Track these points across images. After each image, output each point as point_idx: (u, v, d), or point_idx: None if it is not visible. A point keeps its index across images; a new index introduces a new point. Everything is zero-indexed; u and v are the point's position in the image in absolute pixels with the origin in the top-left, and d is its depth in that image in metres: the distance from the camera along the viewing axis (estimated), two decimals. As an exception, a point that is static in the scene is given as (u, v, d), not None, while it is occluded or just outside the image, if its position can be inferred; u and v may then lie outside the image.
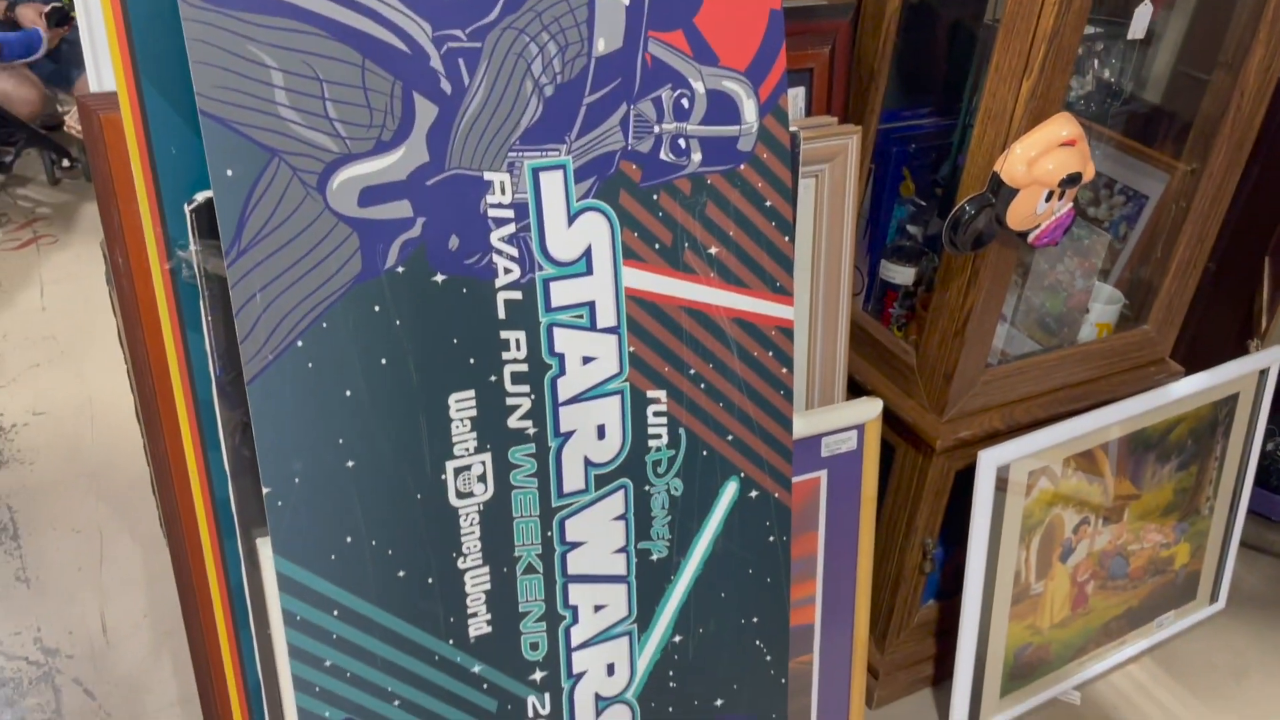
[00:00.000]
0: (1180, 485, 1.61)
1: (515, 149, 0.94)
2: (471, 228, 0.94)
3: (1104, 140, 1.69)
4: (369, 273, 0.91)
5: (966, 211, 1.15)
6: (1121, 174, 1.73)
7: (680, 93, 1.01)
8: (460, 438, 0.99)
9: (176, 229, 0.89)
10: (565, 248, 0.99)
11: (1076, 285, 1.58)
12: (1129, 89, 1.58)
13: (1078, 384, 1.46)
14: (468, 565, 1.03)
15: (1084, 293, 1.56)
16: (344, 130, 0.87)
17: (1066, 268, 1.62)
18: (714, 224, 1.05)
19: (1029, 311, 1.63)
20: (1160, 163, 1.64)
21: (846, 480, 1.29)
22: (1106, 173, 1.77)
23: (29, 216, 2.78)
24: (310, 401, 0.91)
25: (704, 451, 1.11)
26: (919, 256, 1.48)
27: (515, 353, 0.99)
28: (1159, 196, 1.65)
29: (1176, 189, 1.55)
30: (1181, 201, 1.45)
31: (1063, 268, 1.62)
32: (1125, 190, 1.74)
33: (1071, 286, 1.60)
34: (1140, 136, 1.68)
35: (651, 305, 1.04)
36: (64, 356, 2.23)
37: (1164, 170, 1.63)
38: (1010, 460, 1.37)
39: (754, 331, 1.10)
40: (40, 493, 1.87)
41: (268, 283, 0.88)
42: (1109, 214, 1.76)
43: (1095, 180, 1.76)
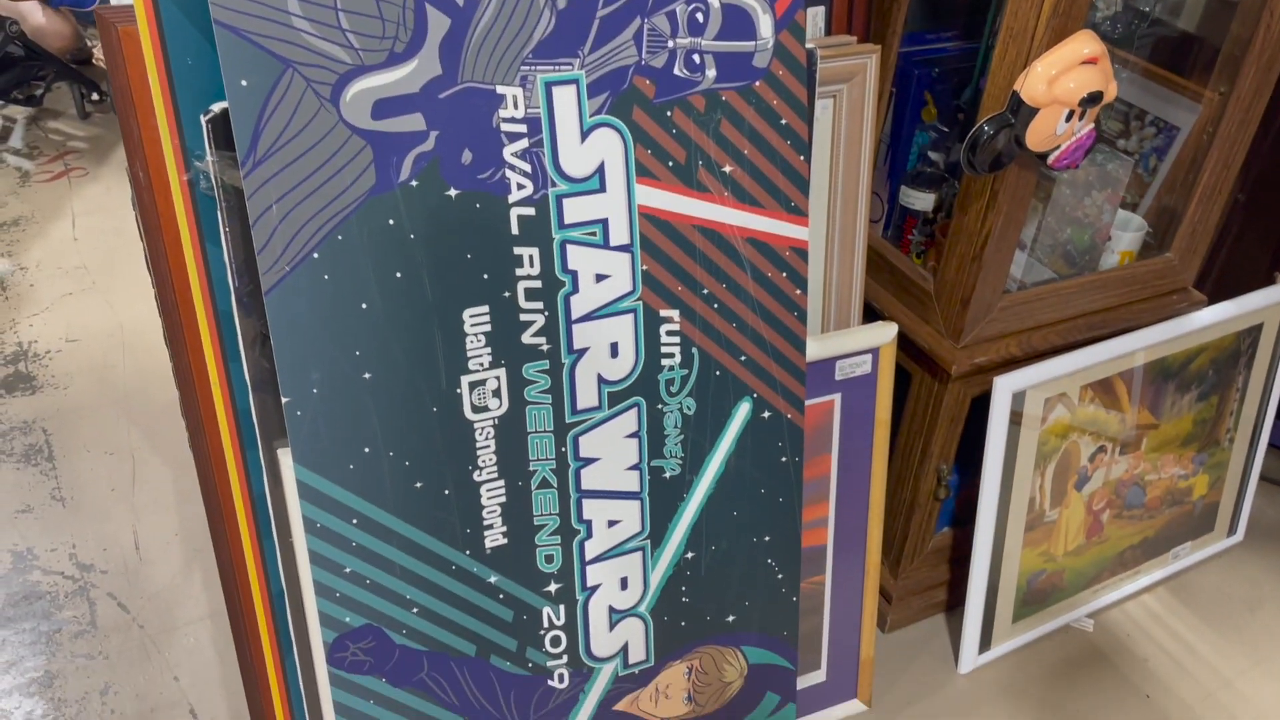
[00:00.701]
0: (1200, 416, 1.61)
1: (528, 63, 0.94)
2: (484, 142, 0.95)
3: (1134, 68, 1.66)
4: (383, 186, 0.92)
5: (985, 131, 1.14)
6: (1152, 104, 1.70)
7: (695, 7, 1.00)
8: (475, 353, 1.01)
9: (194, 140, 0.90)
10: (578, 164, 0.99)
11: (1103, 218, 1.56)
12: (1156, 10, 1.54)
13: (1098, 311, 1.45)
14: (483, 478, 1.06)
15: (1109, 225, 1.54)
16: (356, 41, 0.88)
17: (1093, 200, 1.60)
18: (728, 142, 1.05)
19: (1054, 246, 1.61)
20: (1192, 93, 1.60)
21: (861, 404, 1.29)
22: (1137, 103, 1.73)
23: (60, 149, 2.81)
24: (327, 313, 0.93)
25: (717, 371, 1.12)
26: (940, 183, 1.47)
27: (528, 269, 1.00)
28: (1190, 128, 1.62)
29: (1208, 119, 1.52)
30: (1210, 127, 1.43)
31: (1089, 200, 1.60)
32: (1156, 122, 1.71)
33: (1098, 220, 1.58)
34: (1172, 65, 1.64)
35: (665, 223, 1.05)
36: (95, 286, 2.27)
37: (1195, 100, 1.60)
38: (1026, 387, 1.37)
39: (768, 252, 1.10)
40: (74, 416, 1.91)
41: (283, 194, 0.89)
42: (1139, 146, 1.73)
43: (1125, 111, 1.73)
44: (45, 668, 1.47)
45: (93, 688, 1.45)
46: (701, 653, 1.25)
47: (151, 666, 1.48)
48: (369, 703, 1.09)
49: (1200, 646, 1.61)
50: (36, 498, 1.75)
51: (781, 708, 1.34)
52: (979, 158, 1.15)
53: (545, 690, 1.18)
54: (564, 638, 1.17)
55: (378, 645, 1.07)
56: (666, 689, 1.25)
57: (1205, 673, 1.57)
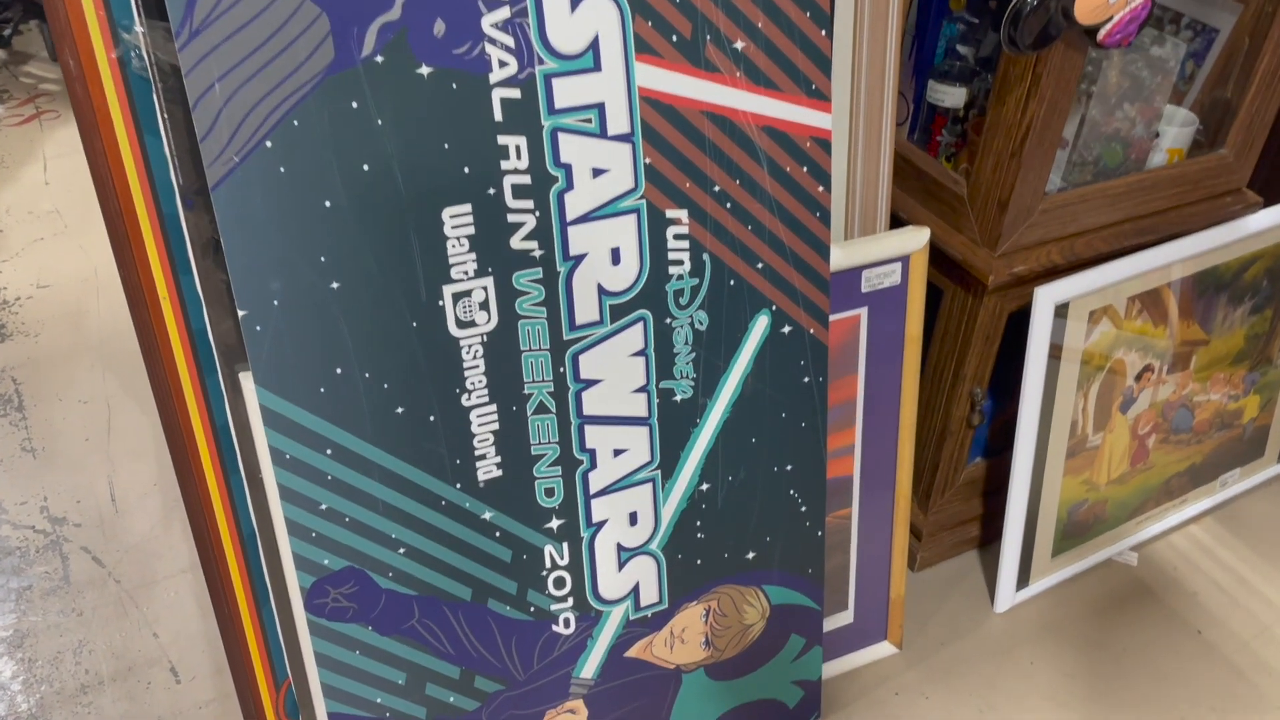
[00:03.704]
0: (1253, 331, 1.49)
1: (507, -84, 0.82)
2: (459, 11, 0.82)
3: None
4: (343, 62, 0.80)
5: (1029, 2, 1.01)
6: (1187, 6, 1.58)
7: None
8: (458, 259, 0.89)
9: (123, 10, 0.78)
10: (568, 37, 0.87)
11: (1136, 133, 1.44)
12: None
13: (1145, 215, 1.32)
14: (473, 403, 0.94)
15: (1145, 140, 1.41)
16: (305, -113, 0.75)
17: (1126, 114, 1.47)
18: (739, 13, 0.92)
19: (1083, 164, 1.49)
20: (1233, -9, 1.47)
21: (889, 319, 1.17)
22: (1172, 5, 1.60)
23: (31, 92, 2.68)
24: (285, 212, 0.81)
25: (731, 281, 1.01)
26: (971, 77, 1.34)
27: (515, 162, 0.88)
28: (1230, 28, 1.49)
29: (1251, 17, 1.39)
30: (1267, 6, 1.29)
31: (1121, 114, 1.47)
32: (1193, 24, 1.58)
33: (1131, 134, 1.45)
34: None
35: (669, 109, 0.92)
36: (68, 230, 2.15)
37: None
38: (1070, 298, 1.25)
39: (786, 142, 0.98)
40: (46, 364, 1.81)
41: (226, 71, 0.77)
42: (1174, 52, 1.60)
43: (1159, 14, 1.60)
44: (15, 626, 1.38)
45: (66, 646, 1.35)
46: (719, 593, 1.15)
47: (128, 622, 1.38)
48: (354, 653, 0.99)
49: (1252, 578, 1.50)
50: (6, 449, 1.65)
51: (807, 651, 1.24)
52: (1021, 33, 1.02)
53: (550, 636, 1.08)
54: (568, 579, 1.06)
55: (361, 590, 0.97)
56: (682, 633, 1.14)
57: (1259, 605, 1.46)
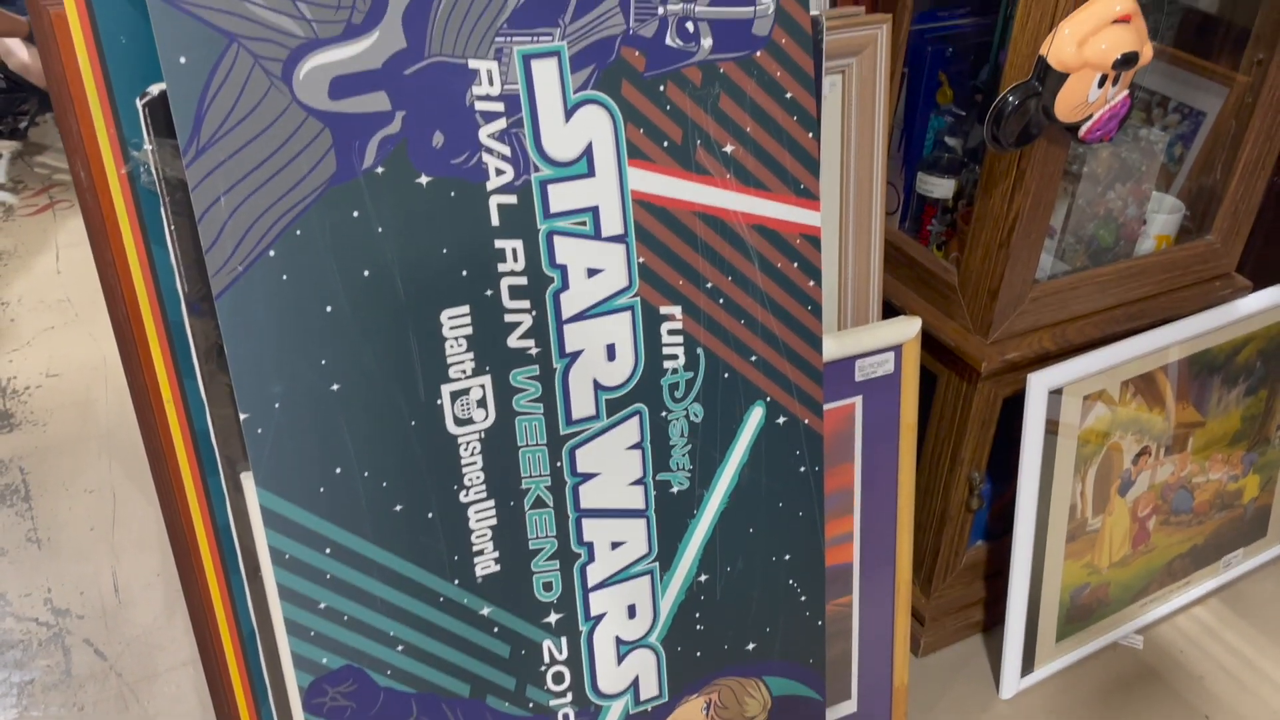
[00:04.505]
0: (1248, 412, 1.50)
1: (503, 33, 0.85)
2: (457, 123, 0.85)
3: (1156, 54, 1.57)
4: (345, 174, 0.83)
5: (1010, 102, 1.04)
6: (1175, 90, 1.62)
7: (686, -30, 0.91)
8: (456, 358, 0.91)
9: (132, 129, 0.81)
10: (563, 145, 0.90)
11: (1129, 214, 1.47)
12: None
13: (1136, 301, 1.34)
14: (471, 499, 0.95)
15: (1136, 220, 1.44)
16: (309, 11, 0.79)
17: (1118, 193, 1.50)
18: (729, 119, 0.95)
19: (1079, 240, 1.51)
20: (1218, 75, 1.51)
21: (884, 407, 1.19)
22: (1159, 90, 1.65)
23: (45, 182, 2.74)
24: (287, 318, 0.83)
25: (725, 373, 1.02)
26: (959, 168, 1.37)
27: (512, 264, 0.91)
28: (1217, 112, 1.53)
29: (1236, 102, 1.43)
30: (1247, 98, 1.33)
31: (1114, 194, 1.50)
32: (1180, 108, 1.62)
33: (1124, 215, 1.48)
34: (1195, 48, 1.55)
35: (662, 211, 0.95)
36: (78, 319, 2.19)
37: (1221, 84, 1.51)
38: (1063, 383, 1.26)
39: (776, 240, 1.00)
40: (53, 454, 1.82)
41: (232, 185, 0.79)
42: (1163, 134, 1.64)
43: (1147, 97, 1.64)
44: (15, 722, 1.37)
45: (65, 742, 1.35)
46: (720, 685, 1.14)
47: (129, 717, 1.37)
48: (352, 753, 0.98)
49: (1259, 661, 1.49)
50: (11, 540, 1.65)
51: (810, 743, 1.23)
52: (1004, 131, 1.05)
53: (549, 732, 1.07)
54: (567, 673, 1.06)
55: (360, 688, 0.97)
56: (683, 727, 1.14)
57: (1268, 690, 1.44)
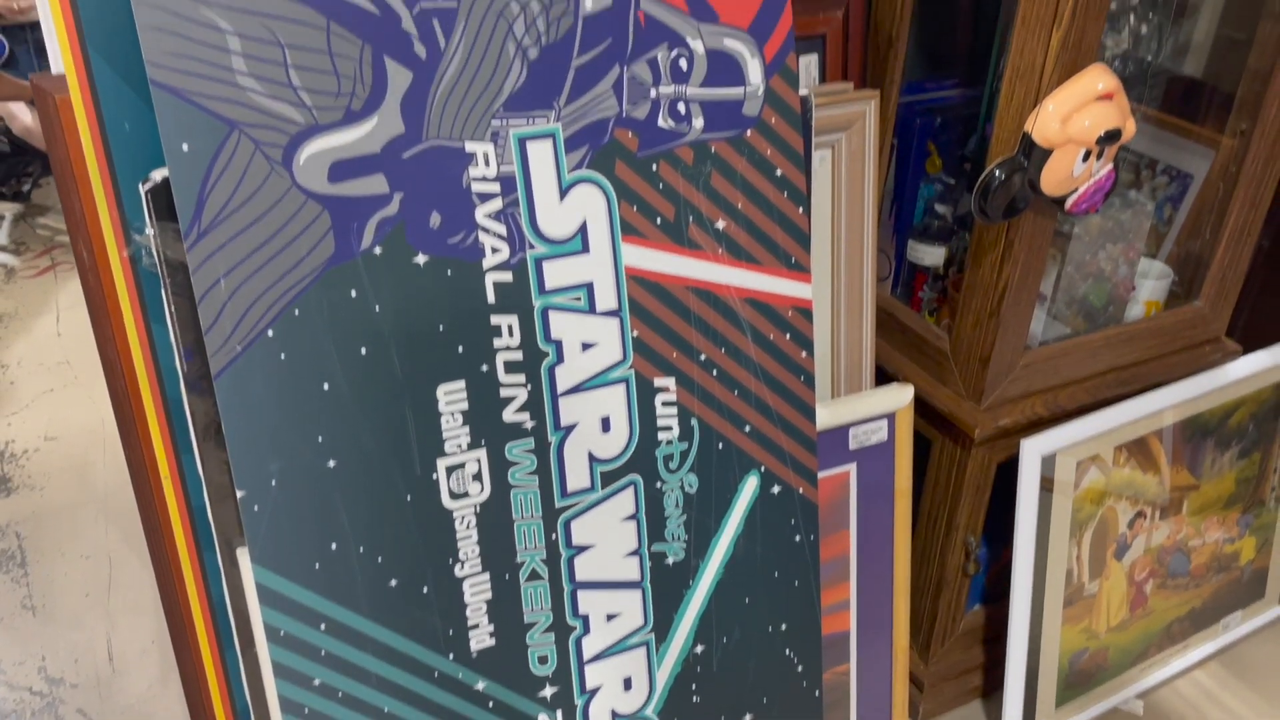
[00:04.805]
0: (1242, 474, 1.50)
1: (499, 117, 0.87)
2: (454, 204, 0.87)
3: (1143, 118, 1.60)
4: (343, 255, 0.84)
5: (996, 176, 1.06)
6: (1163, 153, 1.64)
7: (678, 52, 0.93)
8: (451, 433, 0.92)
9: (134, 213, 0.83)
10: (558, 224, 0.92)
11: (1120, 272, 1.49)
12: (1168, 51, 1.48)
13: (1126, 366, 1.35)
14: (466, 572, 0.96)
15: (1128, 280, 1.46)
16: (309, 99, 0.81)
17: (1109, 254, 1.52)
18: (720, 196, 0.97)
19: (1070, 302, 1.53)
20: (1204, 138, 1.54)
21: (878, 474, 1.19)
22: (1148, 152, 1.67)
23: (47, 244, 2.76)
24: (285, 396, 0.84)
25: (719, 444, 1.03)
26: (949, 236, 1.39)
27: (508, 339, 0.92)
28: (1204, 174, 1.55)
29: (1223, 165, 1.45)
30: (1229, 177, 1.35)
31: (1104, 254, 1.52)
32: (1168, 170, 1.65)
33: (1115, 274, 1.50)
34: (1181, 111, 1.58)
35: (655, 285, 0.97)
36: (77, 381, 2.20)
37: (1208, 146, 1.54)
38: (1056, 449, 1.27)
39: (769, 312, 1.02)
40: (50, 519, 1.82)
41: (232, 267, 0.81)
42: (1152, 195, 1.66)
43: (1136, 160, 1.66)
44: (5, 796, 1.36)
45: (55, 817, 1.33)
46: (717, 757, 1.13)
47: (121, 790, 1.36)
48: (346, 831, 0.97)
49: (1261, 726, 1.48)
50: (6, 607, 1.65)
51: (808, 815, 1.22)
52: (991, 204, 1.07)
53: (544, 807, 1.06)
54: (563, 747, 1.05)
55: (353, 765, 0.96)
56: (680, 800, 1.13)
57: (1270, 755, 1.43)
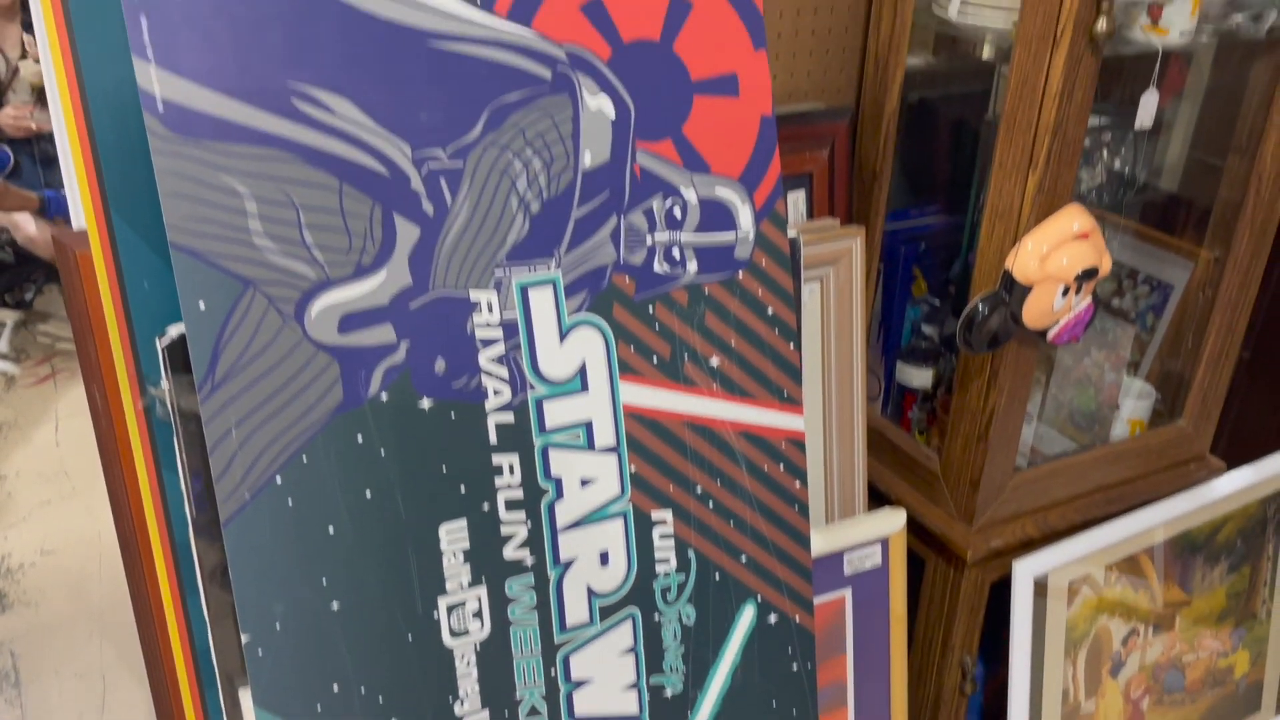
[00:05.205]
0: (1233, 589, 1.52)
1: (502, 266, 0.91)
2: (458, 349, 0.90)
3: (1122, 229, 1.65)
4: (351, 402, 0.87)
5: (980, 311, 1.10)
6: (1143, 263, 1.69)
7: (672, 202, 0.98)
8: (452, 572, 0.93)
9: (150, 365, 0.86)
10: (558, 365, 0.95)
11: (1106, 379, 1.52)
12: (1142, 178, 1.54)
13: (1114, 485, 1.38)
14: (465, 710, 0.96)
15: (1114, 386, 1.50)
16: (322, 256, 0.84)
17: (1094, 360, 1.56)
18: (714, 334, 1.01)
19: (1059, 407, 1.56)
20: (1183, 250, 1.59)
21: (873, 599, 1.21)
22: (1128, 262, 1.72)
23: (48, 352, 2.80)
24: (291, 541, 0.86)
25: (716, 575, 1.05)
26: (936, 357, 1.43)
27: (509, 478, 0.94)
28: (1184, 285, 1.60)
29: (1201, 276, 1.50)
30: (1208, 290, 1.40)
31: (1090, 360, 1.56)
32: (1149, 280, 1.69)
33: (1101, 381, 1.53)
34: (1159, 224, 1.63)
35: (652, 422, 0.99)
36: (75, 492, 2.20)
37: (1187, 258, 1.59)
38: (1048, 570, 1.29)
39: (763, 445, 1.05)
40: (45, 636, 1.81)
41: (243, 417, 0.84)
42: (1134, 305, 1.71)
43: (1117, 270, 1.71)
44: None
45: None
46: None
47: None
48: None
49: (1265, 845, 1.47)
50: (-2, 730, 1.64)
51: None
52: (975, 337, 1.11)
53: None
54: None
55: None
56: None
57: None
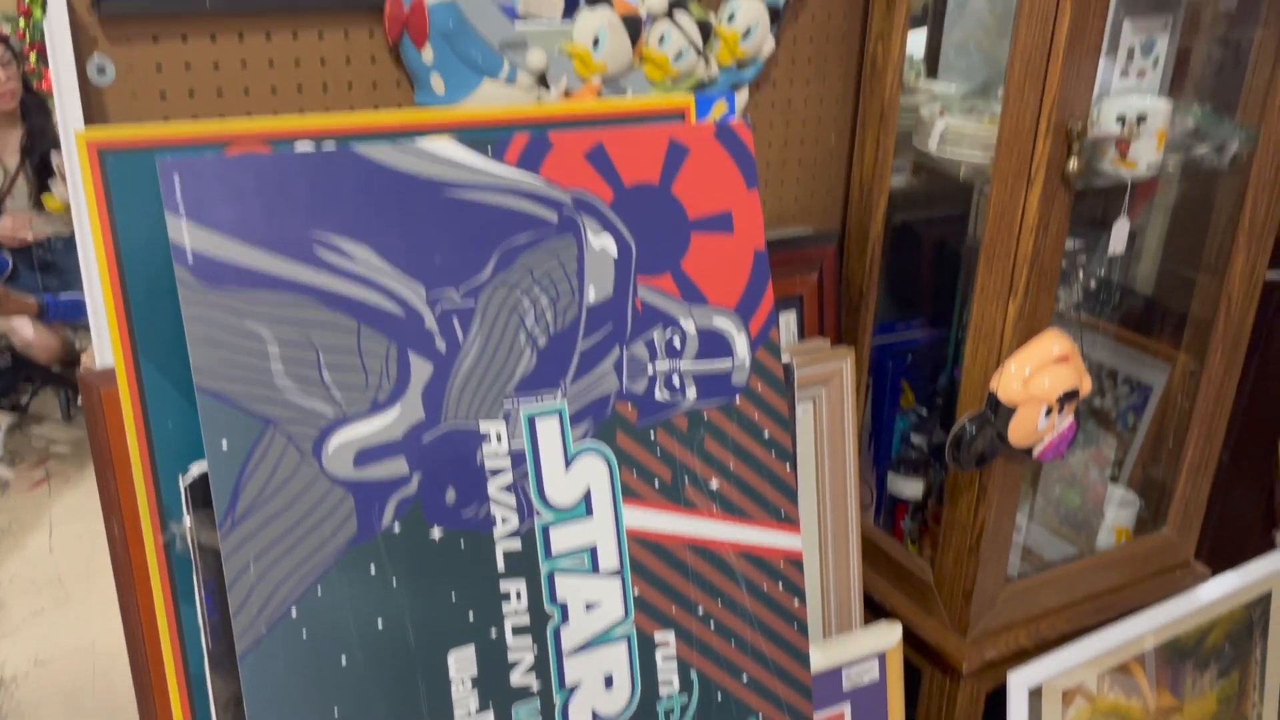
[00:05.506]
0: (1223, 693, 1.53)
1: (510, 398, 0.95)
2: (468, 479, 0.94)
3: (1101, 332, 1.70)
4: (365, 534, 0.90)
5: (968, 431, 1.15)
6: (1122, 364, 1.73)
7: (672, 332, 1.02)
8: (461, 698, 0.95)
9: (171, 500, 0.89)
10: (564, 492, 0.98)
11: (1091, 478, 1.56)
12: (1117, 289, 1.60)
13: (1103, 593, 1.41)
14: (473, 836, 0.97)
15: (1099, 485, 1.53)
16: (340, 394, 0.88)
17: (1079, 459, 1.60)
18: (713, 458, 1.05)
19: (1046, 505, 1.60)
20: (1160, 353, 1.64)
21: (871, 713, 1.22)
22: (1107, 363, 1.77)
23: (42, 455, 2.80)
24: (305, 672, 0.88)
25: (718, 695, 1.07)
26: (926, 467, 1.47)
27: (516, 604, 0.97)
28: (1163, 385, 1.64)
29: (1179, 379, 1.55)
30: (1185, 401, 1.45)
31: (1075, 460, 1.60)
32: (1129, 381, 1.73)
33: (1086, 480, 1.57)
34: (1137, 328, 1.69)
35: (655, 545, 1.02)
36: (69, 600, 2.20)
37: (1164, 360, 1.63)
38: (1042, 680, 1.31)
39: (762, 565, 1.07)
40: (37, 751, 1.80)
41: (262, 552, 0.86)
42: (1115, 405, 1.75)
43: (1098, 371, 1.76)
44: None
45: None
46: None
47: None
48: None
49: None
50: None
51: None
52: (964, 456, 1.15)
53: None
54: None
55: None
56: None
57: None
